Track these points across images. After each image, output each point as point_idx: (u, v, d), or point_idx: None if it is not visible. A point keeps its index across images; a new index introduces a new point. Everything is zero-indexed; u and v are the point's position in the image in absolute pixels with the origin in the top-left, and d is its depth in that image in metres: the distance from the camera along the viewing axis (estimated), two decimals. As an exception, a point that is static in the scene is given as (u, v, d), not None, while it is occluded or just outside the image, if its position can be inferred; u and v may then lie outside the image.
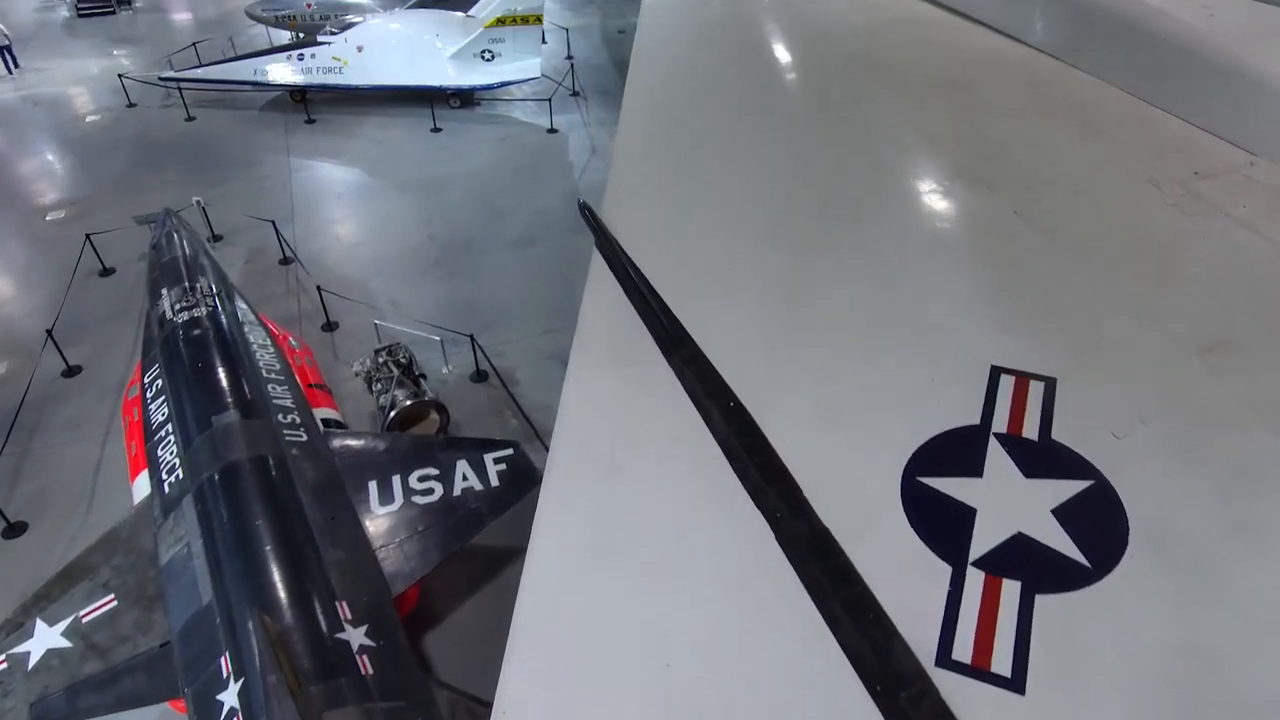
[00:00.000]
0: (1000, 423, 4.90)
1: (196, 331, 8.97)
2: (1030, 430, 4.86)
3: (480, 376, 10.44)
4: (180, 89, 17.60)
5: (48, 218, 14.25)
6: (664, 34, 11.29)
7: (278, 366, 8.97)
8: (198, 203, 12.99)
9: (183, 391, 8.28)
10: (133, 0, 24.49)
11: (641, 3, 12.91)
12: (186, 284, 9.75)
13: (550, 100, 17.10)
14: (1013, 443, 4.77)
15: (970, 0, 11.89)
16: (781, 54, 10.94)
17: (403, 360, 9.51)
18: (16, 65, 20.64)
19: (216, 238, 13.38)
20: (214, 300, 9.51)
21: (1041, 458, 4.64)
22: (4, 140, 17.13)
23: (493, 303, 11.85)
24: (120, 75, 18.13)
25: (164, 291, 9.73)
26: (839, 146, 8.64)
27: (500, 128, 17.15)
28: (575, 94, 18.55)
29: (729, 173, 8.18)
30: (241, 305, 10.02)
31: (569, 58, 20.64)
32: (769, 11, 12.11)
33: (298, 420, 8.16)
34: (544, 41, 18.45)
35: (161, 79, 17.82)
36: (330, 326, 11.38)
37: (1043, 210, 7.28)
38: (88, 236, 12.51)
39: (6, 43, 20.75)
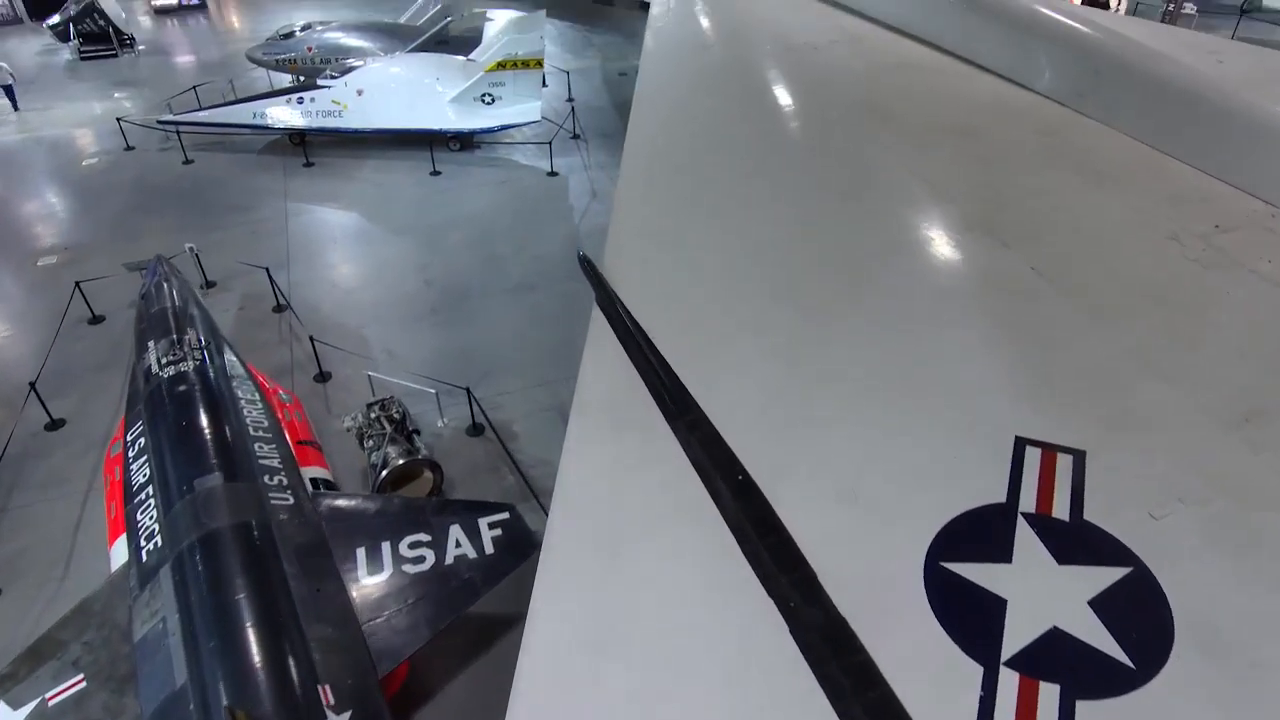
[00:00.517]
0: (1028, 501, 4.59)
1: (182, 387, 8.68)
2: (1060, 509, 4.55)
3: (476, 430, 10.12)
4: (179, 132, 17.50)
5: (39, 263, 14.03)
6: (665, 80, 11.16)
7: (266, 423, 8.66)
8: (190, 250, 12.77)
9: (165, 452, 7.97)
10: (135, 43, 24.56)
11: (643, 48, 12.82)
12: (174, 336, 9.49)
13: (551, 143, 16.99)
14: (1043, 524, 4.46)
15: (973, 46, 11.79)
16: (784, 100, 10.79)
17: (395, 415, 9.20)
18: (16, 108, 20.66)
19: (210, 284, 13.14)
20: (202, 354, 9.23)
21: (1074, 541, 4.33)
22: None
23: (490, 352, 11.57)
24: (119, 119, 18.05)
25: (150, 344, 9.46)
26: (845, 197, 8.42)
27: (500, 171, 17.02)
28: (576, 136, 18.47)
29: (734, 225, 7.94)
30: (231, 358, 9.74)
31: (570, 100, 20.63)
32: (769, 57, 12.01)
33: (284, 481, 7.84)
34: (544, 84, 18.43)
35: (160, 122, 17.74)
36: (323, 377, 11.09)
37: (1062, 267, 7.02)
38: (77, 284, 12.26)
39: (10, 82, 20.80)
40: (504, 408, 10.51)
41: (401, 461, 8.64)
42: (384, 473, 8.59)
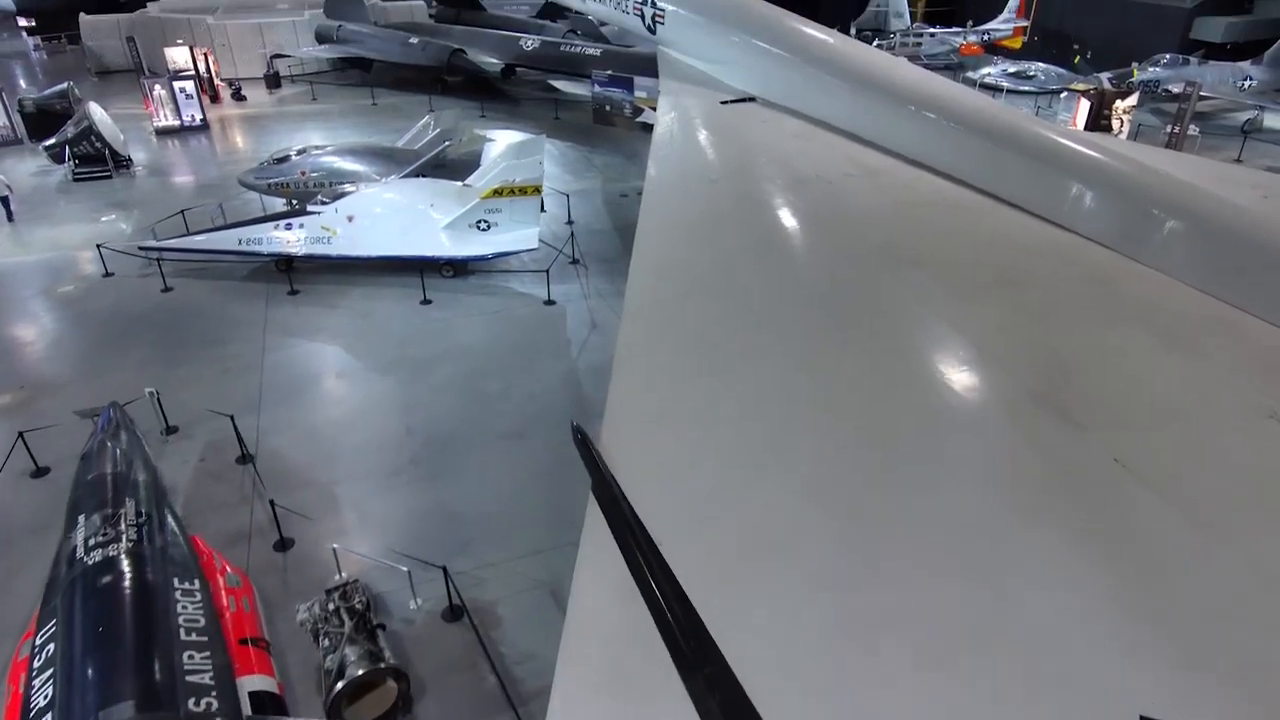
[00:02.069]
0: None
1: (106, 579, 7.43)
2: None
3: (454, 614, 8.76)
4: (160, 259, 16.75)
5: (-10, 404, 12.96)
6: (668, 220, 10.32)
7: (202, 623, 7.35)
8: (151, 395, 11.69)
9: (74, 667, 6.65)
10: (131, 164, 24.28)
11: (645, 179, 12.07)
12: (109, 510, 8.30)
13: (548, 271, 16.18)
14: None
15: (1003, 181, 11.01)
16: (800, 244, 9.91)
17: (358, 606, 7.87)
18: (11, 219, 20.41)
19: (170, 430, 12.00)
20: (138, 532, 8.00)
21: None
22: (-33, 312, 16.11)
23: (474, 513, 10.33)
24: (98, 245, 17.33)
25: (81, 519, 8.26)
26: (879, 361, 7.33)
27: (495, 299, 16.16)
28: (575, 262, 17.74)
29: (751, 398, 6.83)
30: (174, 532, 8.50)
31: (569, 222, 20.05)
32: (781, 193, 11.23)
33: (213, 707, 6.47)
34: (543, 209, 17.83)
35: (142, 249, 17.02)
36: (284, 544, 9.80)
37: (1150, 459, 5.83)
38: (20, 434, 11.11)
39: (6, 193, 20.40)
40: (487, 584, 9.19)
41: (361, 671, 7.26)
42: (339, 684, 7.21)
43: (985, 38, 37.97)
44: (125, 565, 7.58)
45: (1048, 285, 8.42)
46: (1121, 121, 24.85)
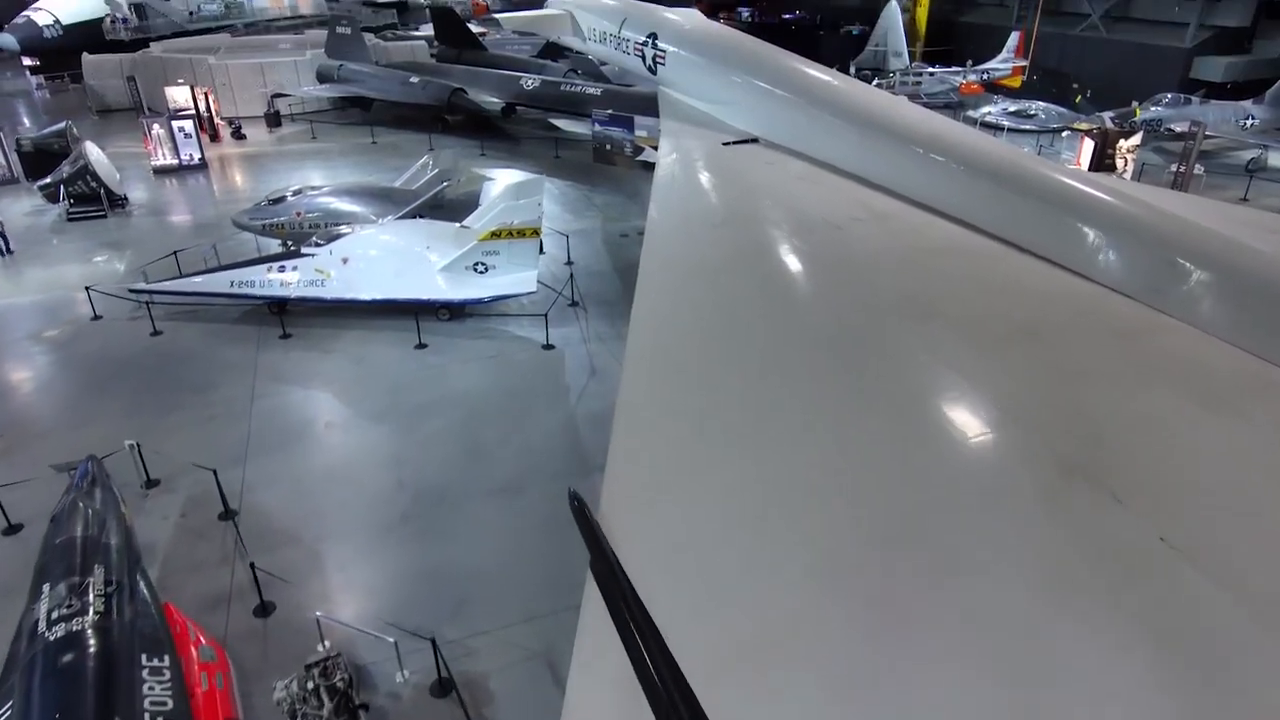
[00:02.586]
0: None
1: (68, 657, 6.91)
2: None
3: (443, 689, 8.21)
4: (149, 303, 16.38)
5: (-35, 455, 12.48)
6: (671, 267, 9.92)
7: (169, 705, 6.85)
8: (131, 447, 11.23)
9: (27, 760, 6.09)
10: (127, 203, 24.05)
11: (647, 222, 11.72)
12: (76, 579, 7.77)
13: (546, 315, 15.79)
14: None
15: (1017, 227, 10.66)
16: (809, 293, 9.50)
17: (339, 684, 7.34)
18: (10, 250, 20.52)
19: (152, 483, 11.51)
20: (105, 603, 7.50)
21: None
22: (-49, 357, 15.70)
23: (467, 574, 9.81)
24: (87, 287, 16.98)
25: (45, 588, 7.75)
26: (896, 423, 6.85)
27: (492, 343, 15.75)
28: (574, 304, 17.37)
29: (761, 471, 6.34)
30: (145, 597, 8.00)
31: (569, 263, 19.72)
32: (788, 239, 10.86)
33: (176, 802, 5.92)
34: (542, 251, 17.50)
35: (132, 291, 16.66)
36: (265, 609, 9.28)
37: (1200, 538, 5.35)
38: (-8, 490, 10.66)
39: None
40: (479, 655, 8.65)
41: (338, 760, 6.73)
42: (315, 774, 6.66)
43: (985, 77, 38.06)
44: (89, 641, 7.06)
45: (1070, 339, 7.99)
46: (1125, 160, 24.66)
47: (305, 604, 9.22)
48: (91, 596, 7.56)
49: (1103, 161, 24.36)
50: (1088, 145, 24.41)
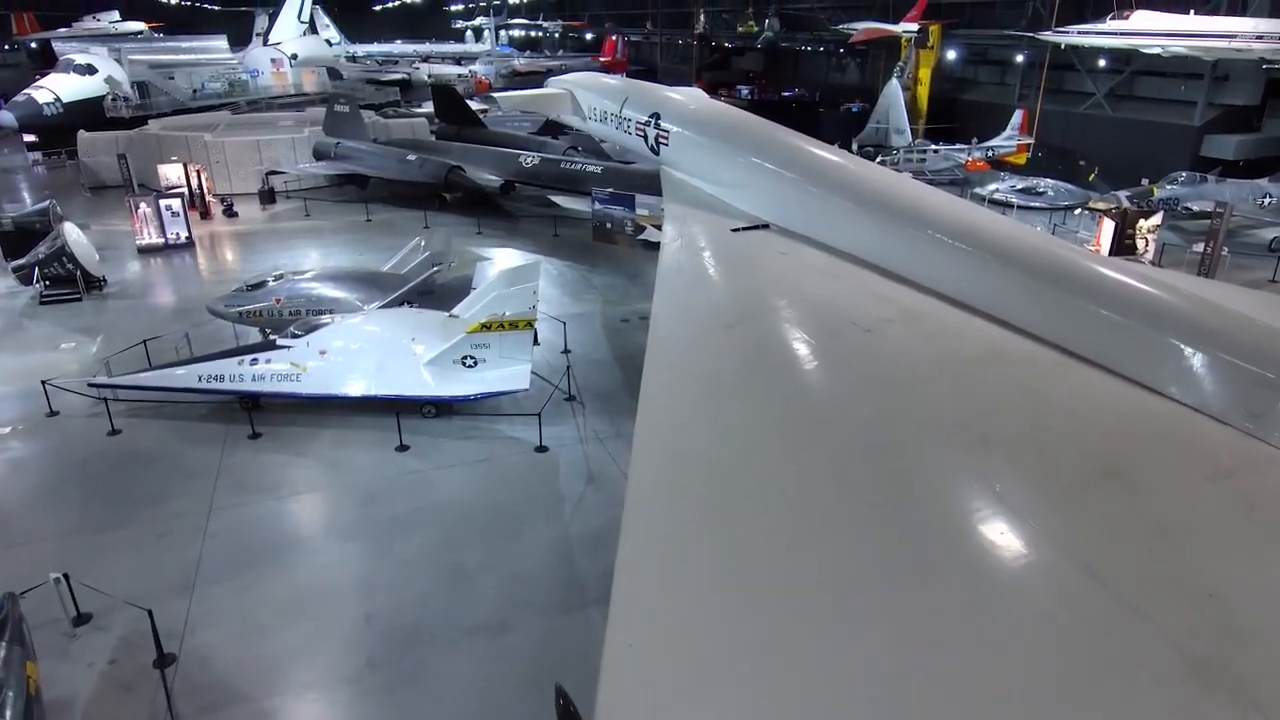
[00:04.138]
0: None
1: None
2: None
3: None
4: (108, 400, 15.10)
5: (-119, 580, 10.98)
6: (678, 378, 8.65)
7: None
8: (57, 581, 9.78)
9: None
10: (105, 285, 23.02)
11: (650, 319, 10.52)
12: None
13: (540, 415, 14.46)
14: None
15: (1075, 332, 9.40)
16: (841, 412, 8.15)
17: None
18: None
19: (81, 619, 10.01)
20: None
21: None
22: (-114, 459, 14.34)
23: (438, 745, 8.27)
24: (44, 381, 15.71)
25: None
26: (963, 600, 5.51)
27: (480, 444, 14.40)
28: (571, 398, 16.08)
29: (792, 659, 4.97)
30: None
31: (566, 351, 18.50)
32: (809, 344, 9.49)
33: None
34: (536, 342, 16.31)
35: (91, 385, 15.40)
36: (192, 795, 7.72)
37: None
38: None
39: None
40: None
41: None
42: None
43: (990, 154, 37.63)
44: None
45: (1159, 479, 6.64)
46: (1146, 241, 23.73)
47: (241, 786, 7.68)
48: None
49: (1123, 242, 23.41)
50: (1108, 225, 23.49)
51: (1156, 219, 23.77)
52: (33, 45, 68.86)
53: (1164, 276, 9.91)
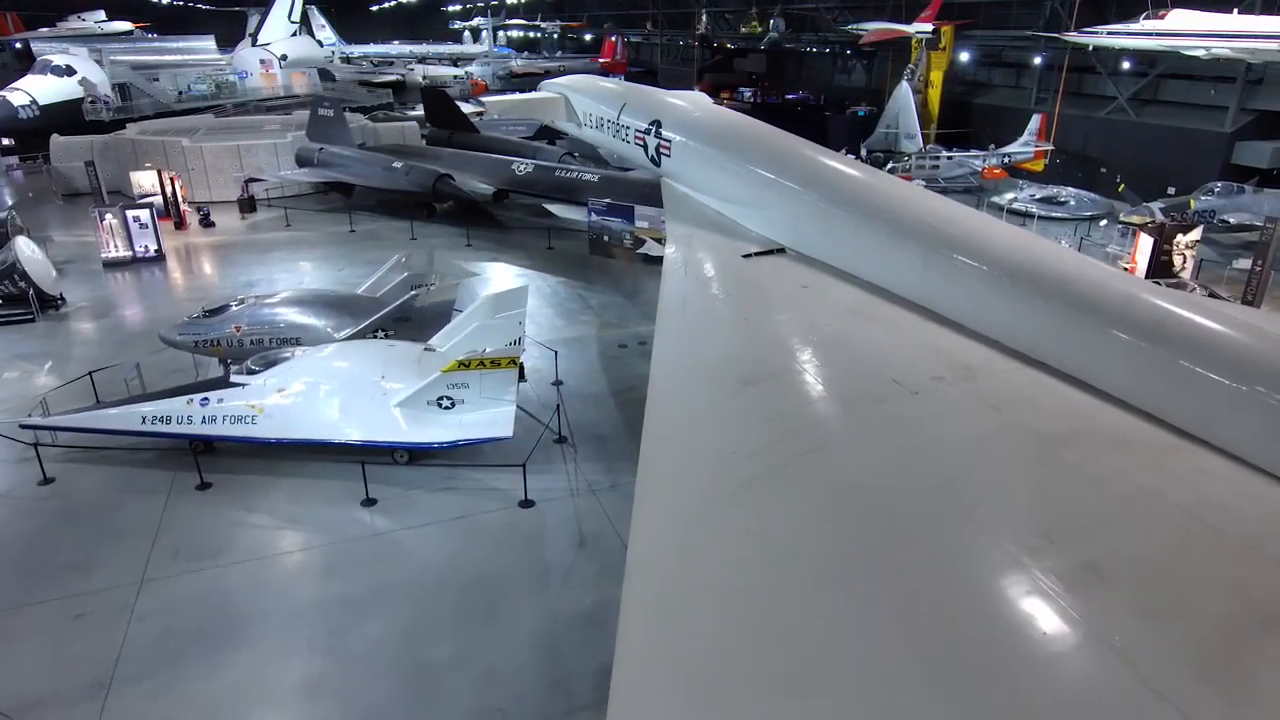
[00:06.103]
0: None
1: None
2: None
3: None
4: (38, 445, 13.39)
5: None
6: (685, 466, 7.00)
7: None
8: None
9: None
10: (62, 304, 21.31)
11: (650, 376, 8.83)
12: None
13: (524, 466, 12.72)
14: None
15: (1200, 411, 7.49)
16: (893, 515, 6.39)
17: None
18: None
19: (-35, 735, 8.35)
20: None
21: None
22: None
23: None
24: (-32, 424, 14.06)
25: None
26: None
27: (456, 499, 12.68)
28: (561, 440, 14.38)
29: None
30: None
31: (557, 383, 16.77)
32: (850, 411, 7.85)
33: None
34: (523, 379, 14.61)
35: (24, 426, 13.70)
36: None
37: None
38: None
39: None
40: None
41: None
42: None
43: (1005, 160, 35.90)
44: None
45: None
46: (1185, 257, 22.02)
47: None
48: None
49: (1159, 258, 21.70)
50: (1145, 241, 21.79)
51: (1196, 234, 22.06)
52: (17, 46, 67.16)
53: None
